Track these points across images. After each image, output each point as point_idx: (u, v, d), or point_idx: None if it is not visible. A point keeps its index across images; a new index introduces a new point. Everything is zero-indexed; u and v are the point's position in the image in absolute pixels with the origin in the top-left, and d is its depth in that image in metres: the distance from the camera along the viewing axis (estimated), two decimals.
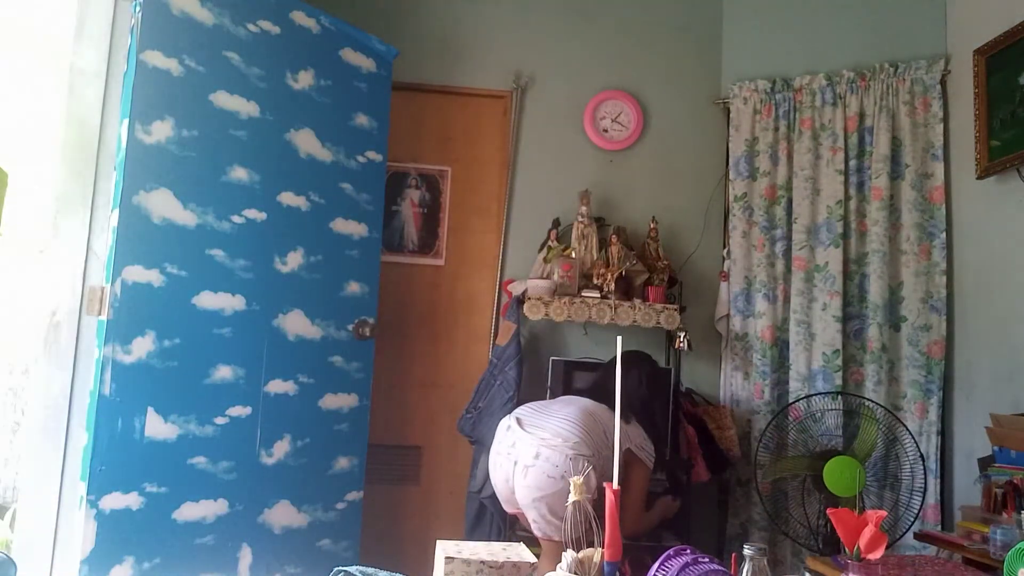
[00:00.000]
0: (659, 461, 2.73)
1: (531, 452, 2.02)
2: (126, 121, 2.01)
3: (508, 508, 2.21)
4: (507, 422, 2.18)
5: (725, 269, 3.15)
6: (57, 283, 2.01)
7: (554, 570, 1.29)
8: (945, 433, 2.88)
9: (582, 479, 1.38)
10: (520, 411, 2.23)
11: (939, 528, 2.79)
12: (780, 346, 3.08)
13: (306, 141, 2.46)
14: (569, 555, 1.29)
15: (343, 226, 2.57)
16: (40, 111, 2.04)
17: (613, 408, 2.12)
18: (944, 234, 2.94)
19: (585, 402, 2.23)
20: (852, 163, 3.08)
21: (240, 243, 2.25)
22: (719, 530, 3.08)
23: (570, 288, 2.84)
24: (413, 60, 3.10)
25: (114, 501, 1.93)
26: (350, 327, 2.57)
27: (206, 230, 2.17)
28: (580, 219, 2.99)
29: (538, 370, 2.93)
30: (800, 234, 3.06)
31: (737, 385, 3.11)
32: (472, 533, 2.72)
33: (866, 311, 3.00)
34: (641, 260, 2.97)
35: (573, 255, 2.94)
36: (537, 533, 2.07)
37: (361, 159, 2.64)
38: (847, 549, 1.21)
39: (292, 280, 2.39)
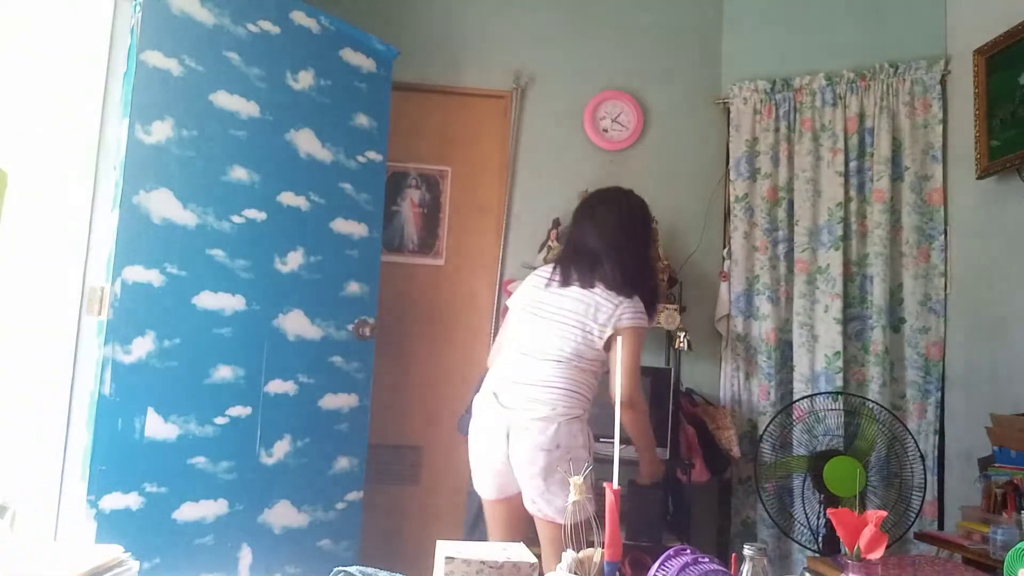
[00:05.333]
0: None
1: (520, 425, 1.91)
2: (126, 121, 2.01)
3: (492, 494, 2.06)
4: (485, 399, 2.03)
5: (725, 269, 3.16)
6: (57, 283, 2.01)
7: (557, 557, 1.28)
8: (943, 433, 2.88)
9: (582, 478, 1.38)
10: (494, 383, 2.04)
11: (936, 525, 2.79)
12: (783, 347, 3.09)
13: (306, 141, 2.46)
14: (569, 555, 1.29)
15: (343, 226, 2.57)
16: (40, 111, 2.04)
17: (590, 283, 2.00)
18: (943, 236, 2.95)
19: (553, 343, 1.98)
20: (852, 164, 3.08)
21: (240, 243, 2.25)
22: (720, 529, 3.08)
23: None
24: (413, 60, 3.10)
25: (114, 501, 1.93)
26: (350, 327, 2.57)
27: (206, 230, 2.17)
28: None
29: None
30: (802, 236, 3.07)
31: (738, 385, 3.11)
32: (472, 533, 2.72)
33: (866, 312, 3.01)
34: None
35: None
36: (536, 514, 1.98)
37: (361, 159, 2.64)
38: (847, 549, 1.21)
39: (292, 280, 2.39)
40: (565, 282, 2.05)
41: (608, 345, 2.00)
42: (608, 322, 1.98)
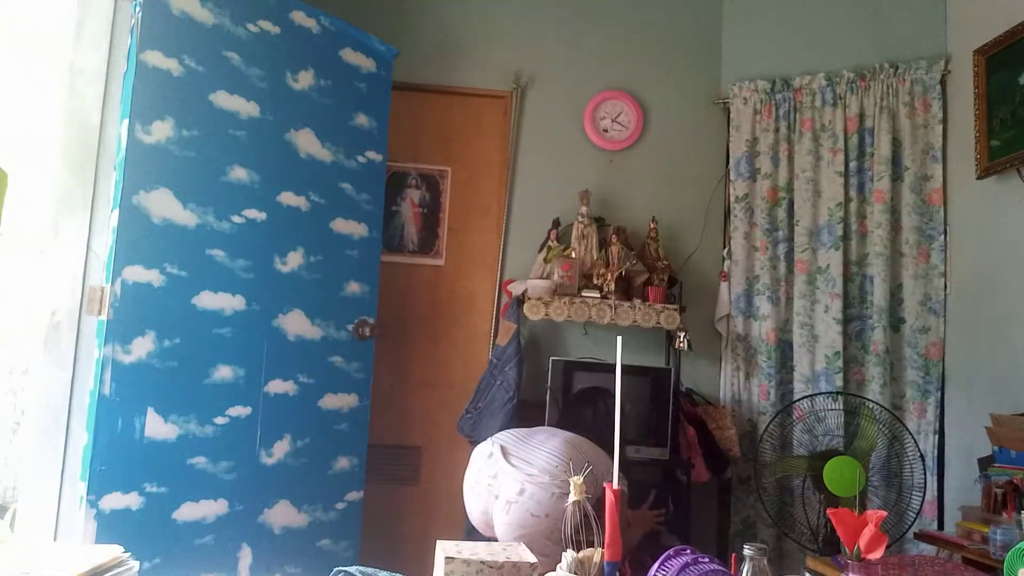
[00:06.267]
0: (657, 460, 2.74)
1: (515, 488, 1.88)
2: (126, 121, 2.01)
3: (481, 531, 2.09)
4: (488, 448, 2.06)
5: (725, 269, 3.16)
6: (57, 283, 2.01)
7: None
8: (942, 432, 2.89)
9: (582, 479, 1.38)
10: (503, 438, 2.10)
11: (936, 525, 2.79)
12: (783, 347, 3.09)
13: (306, 141, 2.46)
14: (569, 555, 1.29)
15: (343, 226, 2.57)
16: (40, 111, 2.04)
17: (593, 441, 2.11)
18: (943, 236, 2.95)
19: (567, 434, 2.11)
20: (852, 164, 3.08)
21: (240, 243, 2.25)
22: (720, 529, 3.08)
23: (570, 288, 2.84)
24: (413, 60, 3.10)
25: (114, 501, 1.93)
26: (350, 327, 2.57)
27: (206, 230, 2.17)
28: (580, 219, 2.99)
29: (538, 370, 2.93)
30: (802, 236, 3.07)
31: (738, 385, 3.11)
32: (472, 533, 2.71)
33: (866, 312, 3.02)
34: (641, 260, 2.98)
35: (573, 255, 2.94)
36: None
37: (361, 159, 2.64)
38: (847, 549, 1.21)
39: (292, 280, 2.39)
40: None
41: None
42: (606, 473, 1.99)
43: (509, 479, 1.92)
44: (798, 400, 2.87)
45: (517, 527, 1.87)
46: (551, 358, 2.84)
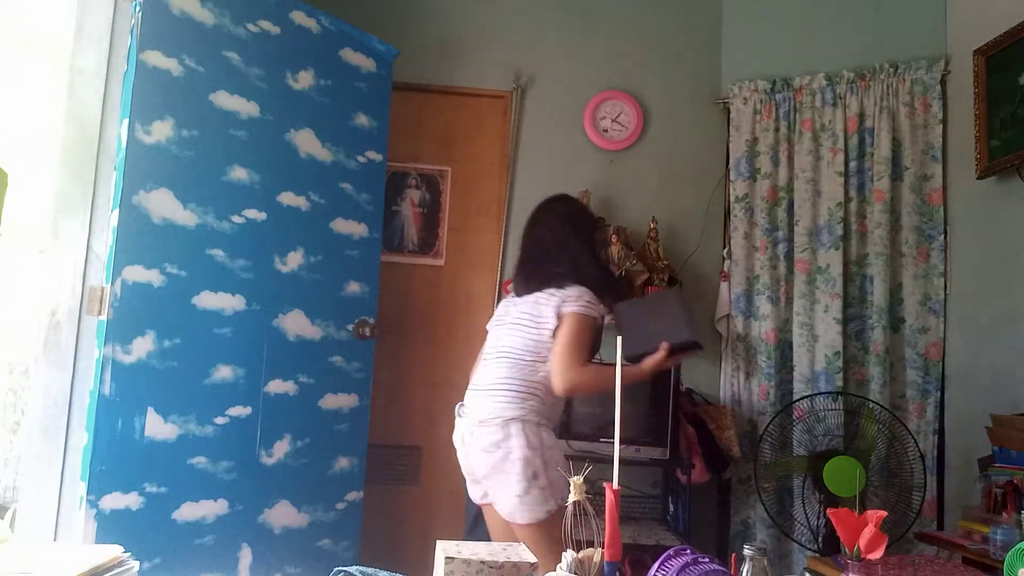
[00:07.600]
0: (657, 460, 2.74)
1: (468, 434, 2.01)
2: (126, 121, 2.01)
3: (477, 499, 2.14)
4: (457, 408, 2.14)
5: (725, 269, 3.16)
6: (57, 283, 2.01)
7: (542, 558, 1.27)
8: (942, 432, 2.89)
9: (582, 478, 1.38)
10: (468, 394, 2.13)
11: (936, 525, 2.79)
12: (783, 347, 3.09)
13: (306, 141, 2.46)
14: (569, 555, 1.29)
15: (343, 226, 2.57)
16: (40, 111, 2.04)
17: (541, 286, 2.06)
18: (943, 236, 2.95)
19: (507, 341, 2.06)
20: (852, 164, 3.08)
21: (240, 243, 2.25)
22: (720, 529, 3.08)
23: None
24: (413, 60, 3.10)
25: (114, 501, 1.93)
26: (350, 327, 2.57)
27: (206, 230, 2.17)
28: None
29: None
30: (802, 236, 3.07)
31: (738, 385, 3.11)
32: (472, 533, 2.71)
33: (867, 312, 3.02)
34: (641, 260, 2.98)
35: None
36: (506, 519, 1.98)
37: (361, 159, 2.64)
38: (847, 549, 1.21)
39: (292, 280, 2.39)
40: (520, 293, 2.16)
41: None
42: (553, 311, 2.00)
43: (464, 430, 2.03)
44: (798, 400, 2.87)
45: (478, 466, 1.98)
46: None
